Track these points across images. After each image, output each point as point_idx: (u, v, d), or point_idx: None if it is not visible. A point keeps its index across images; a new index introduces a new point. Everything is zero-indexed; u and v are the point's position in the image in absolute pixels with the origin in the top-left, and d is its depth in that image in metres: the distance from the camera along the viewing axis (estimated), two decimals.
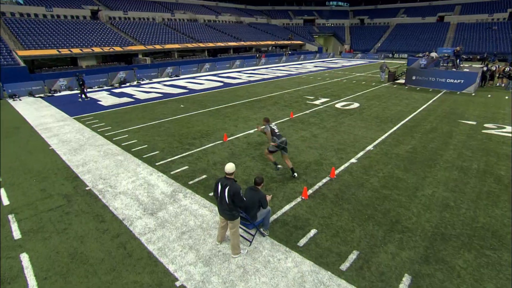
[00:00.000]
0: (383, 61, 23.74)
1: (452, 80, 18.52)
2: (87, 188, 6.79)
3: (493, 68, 20.03)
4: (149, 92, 18.99)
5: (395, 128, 10.99)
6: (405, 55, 48.60)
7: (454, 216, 5.54)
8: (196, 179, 7.08)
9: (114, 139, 10.11)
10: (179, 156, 8.52)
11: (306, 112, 13.44)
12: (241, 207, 4.49)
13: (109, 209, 5.91)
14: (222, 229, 4.72)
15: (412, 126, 11.17)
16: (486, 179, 6.94)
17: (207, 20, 49.03)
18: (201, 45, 35.80)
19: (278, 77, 26.00)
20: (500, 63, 23.16)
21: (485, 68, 19.66)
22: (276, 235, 5.06)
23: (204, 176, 7.22)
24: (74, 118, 13.05)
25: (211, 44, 37.17)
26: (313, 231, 5.17)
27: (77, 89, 19.94)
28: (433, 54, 21.50)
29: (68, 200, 6.31)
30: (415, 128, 10.93)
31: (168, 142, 9.66)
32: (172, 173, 7.43)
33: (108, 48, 27.83)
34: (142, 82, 23.43)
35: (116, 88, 21.27)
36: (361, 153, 8.57)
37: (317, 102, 15.53)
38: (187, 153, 8.71)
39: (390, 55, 48.78)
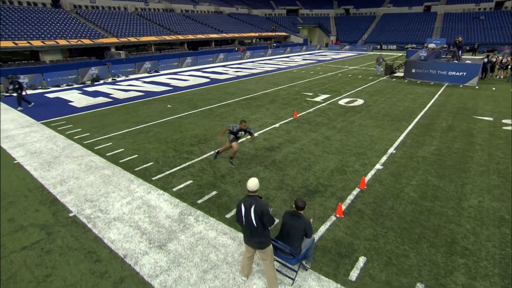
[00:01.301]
0: (379, 53, 23.60)
1: (454, 73, 18.62)
2: (71, 215, 5.82)
3: (493, 60, 20.39)
4: (128, 91, 17.75)
5: (410, 127, 10.64)
6: (394, 47, 49.50)
7: None
8: (206, 197, 6.29)
9: (95, 148, 9.06)
10: (178, 167, 7.66)
11: (310, 110, 12.89)
12: (281, 238, 3.83)
13: (104, 243, 5.01)
14: (248, 260, 4.03)
15: (427, 125, 10.87)
16: None
17: (185, 10, 47.48)
18: (180, 37, 34.46)
19: (267, 71, 25.37)
20: (498, 54, 23.69)
21: (485, 60, 19.96)
22: (321, 268, 4.40)
23: (214, 193, 6.44)
24: (42, 123, 11.76)
25: (191, 36, 35.90)
26: (362, 260, 4.56)
27: (17, 93, 14.21)
28: (432, 45, 21.62)
29: (48, 232, 5.34)
30: (431, 127, 10.63)
31: (162, 151, 8.75)
32: (174, 190, 6.59)
33: (76, 40, 26.02)
34: (117, 79, 22.00)
35: (88, 86, 19.78)
36: (384, 158, 8.09)
37: (318, 99, 15.03)
38: (187, 164, 7.86)
39: (378, 47, 49.40)
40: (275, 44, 45.09)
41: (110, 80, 21.74)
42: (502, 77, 20.57)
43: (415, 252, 4.69)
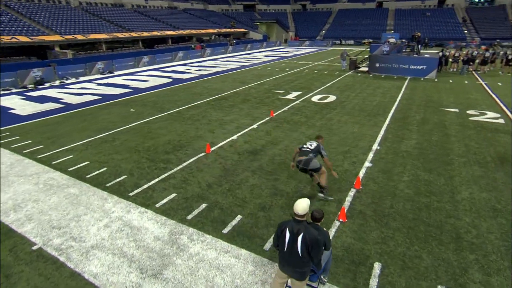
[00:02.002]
0: (341, 48, 24.35)
1: (415, 67, 19.77)
2: (34, 248, 5.00)
3: (447, 54, 22.03)
4: (81, 94, 16.26)
5: (387, 121, 10.98)
6: (351, 41, 51.73)
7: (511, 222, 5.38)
8: (196, 211, 5.80)
9: (53, 163, 8.04)
10: (157, 179, 7.04)
11: (285, 109, 12.79)
12: (314, 261, 3.51)
13: (85, 278, 4.35)
14: (281, 286, 3.67)
15: (402, 118, 11.30)
16: (510, 172, 7.09)
17: (136, 5, 45.16)
18: (134, 34, 32.63)
19: (231, 69, 24.98)
20: (451, 48, 25.62)
21: (440, 54, 21.49)
22: (338, 280, 4.20)
23: (203, 206, 5.97)
24: None
25: (145, 34, 34.16)
26: (377, 266, 4.44)
27: None
28: (392, 40, 22.77)
29: (7, 275, 4.51)
30: (406, 120, 11.06)
31: (135, 161, 8.02)
32: (158, 206, 6.00)
33: (9, 37, 23.33)
34: (66, 82, 20.12)
35: (32, 90, 17.80)
36: (371, 155, 8.19)
37: (290, 96, 15.01)
38: (166, 174, 7.26)
39: (338, 42, 51.28)
40: (235, 41, 44.69)
41: (57, 83, 19.80)
42: (454, 70, 22.30)
43: (427, 252, 4.70)
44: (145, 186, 6.77)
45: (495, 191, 6.32)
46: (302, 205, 3.27)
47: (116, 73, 23.74)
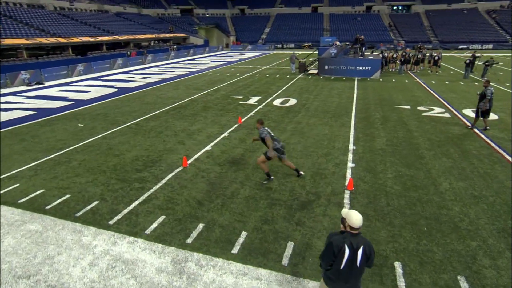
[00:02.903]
0: (292, 52, 25.28)
1: (361, 68, 21.34)
2: None
3: (386, 55, 24.24)
4: (8, 110, 14.15)
5: (352, 121, 11.58)
6: (292, 45, 54.03)
7: (490, 206, 5.99)
8: (194, 233, 5.35)
9: None
10: (137, 202, 6.37)
11: (251, 114, 12.72)
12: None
13: None
14: None
15: (364, 118, 12.03)
16: (472, 160, 7.95)
17: (59, 7, 41.19)
18: (62, 40, 29.64)
19: (180, 76, 24.21)
20: (387, 51, 28.18)
21: (381, 55, 23.55)
22: (367, 285, 4.20)
23: (201, 226, 5.54)
24: None
25: (76, 39, 31.31)
26: (398, 265, 4.56)
27: None
28: (338, 43, 24.29)
29: None
30: (369, 119, 11.80)
31: (103, 184, 7.17)
32: (148, 232, 5.41)
33: None
34: None
35: None
36: (350, 155, 8.52)
37: (251, 102, 15.01)
38: (146, 195, 6.62)
39: (279, 46, 53.10)
40: (175, 47, 43.43)
41: None
42: (393, 70, 24.65)
43: (435, 245, 4.97)
44: (125, 211, 6.07)
45: (468, 180, 7.01)
46: (359, 218, 3.18)
47: (47, 83, 21.22)
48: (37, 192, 6.87)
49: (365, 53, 22.95)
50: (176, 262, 4.71)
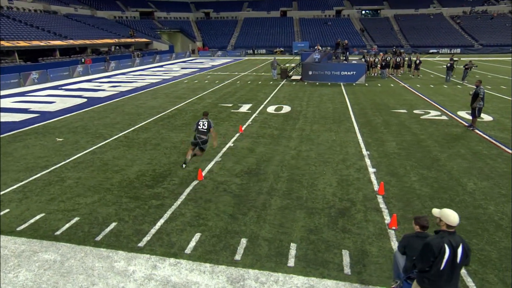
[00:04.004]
0: (273, 58, 25.90)
1: (346, 73, 22.36)
2: None
3: (368, 59, 25.63)
4: None
5: (355, 127, 12.12)
6: (263, 51, 55.18)
7: None
8: (240, 249, 5.33)
9: None
10: (162, 220, 6.20)
11: (249, 123, 12.87)
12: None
13: None
14: None
15: (366, 123, 12.64)
16: (486, 160, 8.67)
17: None
18: (5, 43, 27.89)
19: (154, 84, 23.88)
20: (368, 55, 29.73)
21: (363, 60, 24.85)
22: None
23: (244, 241, 5.53)
24: None
25: (23, 43, 29.66)
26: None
27: None
28: (320, 47, 25.29)
29: None
30: (372, 124, 12.42)
31: (114, 203, 6.89)
32: (188, 252, 5.29)
33: None
34: None
35: None
36: (368, 160, 8.92)
37: (243, 110, 15.17)
38: (169, 212, 6.47)
39: (250, 51, 53.95)
40: (140, 53, 42.62)
41: None
42: (375, 74, 26.08)
43: (487, 243, 5.35)
44: (152, 231, 5.89)
45: (490, 179, 7.65)
46: (456, 215, 3.38)
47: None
48: (37, 217, 6.45)
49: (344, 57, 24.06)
50: (233, 281, 4.67)
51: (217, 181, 7.80)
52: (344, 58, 23.66)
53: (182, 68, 34.31)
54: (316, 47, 25.73)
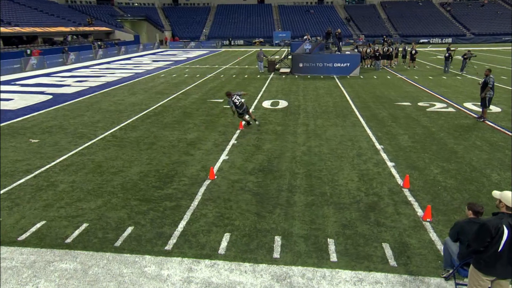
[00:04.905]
0: (258, 49, 26.32)
1: (339, 64, 23.15)
2: None
3: (361, 50, 26.60)
4: None
5: (362, 121, 12.73)
6: (241, 42, 55.58)
7: None
8: (277, 247, 5.63)
9: None
10: (183, 222, 6.40)
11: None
12: None
13: None
14: None
15: (372, 116, 13.29)
16: (504, 151, 9.46)
17: None
18: None
19: (126, 79, 23.84)
20: (361, 45, 30.79)
21: (356, 51, 25.79)
22: None
23: (278, 238, 5.84)
24: None
25: None
26: None
27: None
28: (309, 37, 25.95)
29: None
30: (377, 118, 13.08)
31: (123, 206, 7.01)
32: (222, 252, 5.54)
33: None
34: None
35: None
36: (384, 155, 9.48)
37: None
38: (189, 214, 6.68)
39: (226, 42, 54.18)
40: (102, 43, 41.83)
41: None
42: (368, 66, 27.09)
43: None
44: (176, 233, 6.09)
45: (509, 171, 8.40)
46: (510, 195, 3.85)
47: None
48: (38, 225, 6.46)
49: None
50: (279, 279, 4.97)
51: (231, 180, 8.07)
52: (336, 48, 24.42)
53: (154, 61, 34.07)
54: (305, 37, 26.35)
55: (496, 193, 4.05)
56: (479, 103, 12.77)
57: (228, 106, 11.82)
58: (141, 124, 12.69)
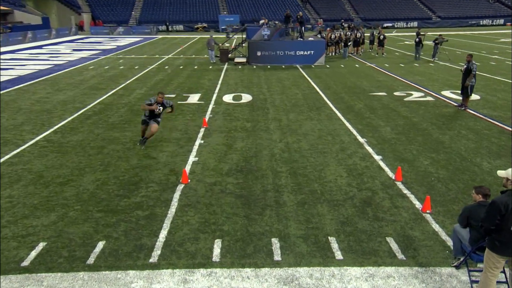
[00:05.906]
0: (209, 36, 26.62)
1: (302, 52, 24.18)
2: None
3: (324, 36, 27.93)
4: None
5: (338, 113, 13.63)
6: (181, 27, 55.53)
7: None
8: (276, 249, 6.08)
9: None
10: (164, 232, 6.64)
11: (209, 116, 13.53)
12: None
13: None
14: (496, 277, 4.79)
15: (347, 108, 14.27)
16: (490, 138, 10.73)
17: None
18: None
19: (45, 72, 23.41)
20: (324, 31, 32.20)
21: (319, 36, 27.06)
22: None
23: (275, 241, 6.30)
24: None
25: None
26: None
27: None
28: (263, 21, 26.74)
29: None
30: (353, 109, 14.08)
31: (85, 220, 7.06)
32: (216, 260, 5.87)
33: None
34: None
35: None
36: (369, 148, 10.33)
37: (193, 101, 15.88)
38: (168, 222, 6.92)
39: (163, 28, 53.79)
40: (2, 28, 39.72)
41: None
42: (333, 53, 28.51)
43: None
44: (159, 244, 6.31)
45: (503, 157, 9.57)
46: None
47: None
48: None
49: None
50: (286, 281, 5.42)
51: (208, 183, 8.40)
52: (298, 34, 25.46)
53: (75, 50, 33.10)
54: (262, 21, 27.05)
55: (501, 172, 4.80)
56: (459, 91, 14.19)
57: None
58: (81, 125, 12.54)
